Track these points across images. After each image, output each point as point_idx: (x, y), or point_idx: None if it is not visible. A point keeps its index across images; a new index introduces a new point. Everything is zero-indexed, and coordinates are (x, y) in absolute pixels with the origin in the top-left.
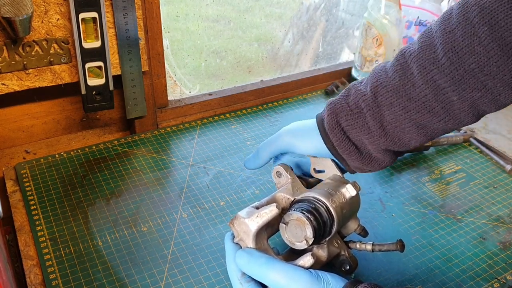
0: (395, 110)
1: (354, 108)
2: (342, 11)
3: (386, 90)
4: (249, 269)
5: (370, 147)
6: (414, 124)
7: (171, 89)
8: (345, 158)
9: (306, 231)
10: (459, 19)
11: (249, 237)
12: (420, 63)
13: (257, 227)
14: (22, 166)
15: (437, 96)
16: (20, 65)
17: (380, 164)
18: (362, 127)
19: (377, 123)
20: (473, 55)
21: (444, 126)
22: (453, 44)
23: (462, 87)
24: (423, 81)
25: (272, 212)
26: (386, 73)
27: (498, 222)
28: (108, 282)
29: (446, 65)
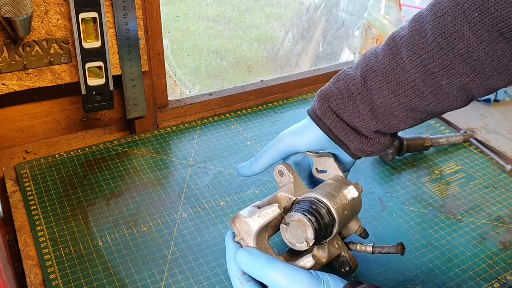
0: (384, 94)
1: (344, 92)
2: (342, 11)
3: (376, 75)
4: (249, 268)
5: (363, 130)
6: (403, 108)
7: (171, 89)
8: (344, 140)
9: (307, 232)
10: (449, 4)
11: (250, 236)
12: (410, 48)
13: (258, 227)
14: (22, 166)
15: (426, 80)
16: (20, 65)
17: (379, 143)
18: (352, 111)
19: (366, 106)
20: (463, 40)
21: (433, 110)
22: (443, 29)
23: (451, 72)
24: (412, 65)
25: (274, 212)
26: (376, 58)
27: (498, 222)
28: (108, 282)
29: (436, 50)
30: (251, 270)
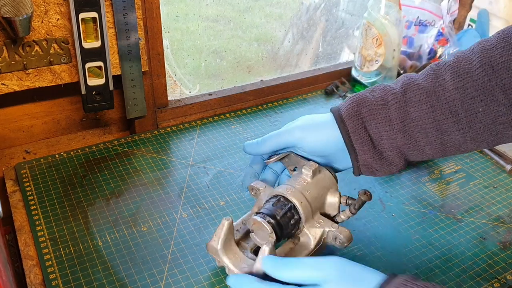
0: (422, 107)
1: (379, 100)
2: (342, 11)
3: (417, 88)
4: (276, 272)
5: (386, 142)
6: (436, 126)
7: (171, 89)
8: (357, 148)
9: (266, 229)
10: (498, 39)
11: (217, 255)
12: (454, 71)
13: (220, 244)
14: (22, 166)
15: (464, 103)
16: (20, 65)
17: (390, 163)
18: (383, 119)
19: (400, 117)
20: (508, 71)
21: (462, 139)
22: (490, 59)
23: (490, 99)
24: (454, 86)
25: (224, 226)
26: (418, 76)
27: (498, 222)
28: (108, 282)
29: (480, 75)
30: (279, 273)
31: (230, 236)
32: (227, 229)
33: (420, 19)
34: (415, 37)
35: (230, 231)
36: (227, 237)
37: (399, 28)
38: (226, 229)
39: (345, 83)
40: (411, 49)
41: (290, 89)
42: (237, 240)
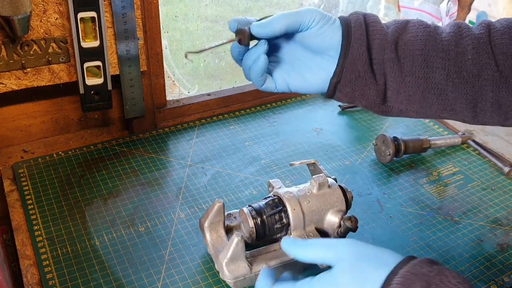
0: (417, 34)
1: (378, 18)
2: (341, 13)
3: (418, 22)
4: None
5: (374, 52)
6: (424, 55)
7: (170, 89)
8: (352, 40)
9: (248, 222)
10: (499, 20)
11: (203, 231)
12: (453, 24)
13: (208, 222)
14: (20, 166)
15: (457, 45)
16: (18, 64)
17: (372, 76)
18: (381, 29)
19: (395, 34)
20: (502, 36)
21: (444, 82)
22: (488, 23)
23: (482, 50)
24: (451, 31)
25: (214, 207)
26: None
27: (496, 224)
28: (105, 282)
29: (478, 30)
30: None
31: (219, 218)
32: (216, 211)
33: None
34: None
35: (219, 213)
36: (215, 218)
37: None
38: (215, 210)
39: None
40: None
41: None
42: (231, 226)
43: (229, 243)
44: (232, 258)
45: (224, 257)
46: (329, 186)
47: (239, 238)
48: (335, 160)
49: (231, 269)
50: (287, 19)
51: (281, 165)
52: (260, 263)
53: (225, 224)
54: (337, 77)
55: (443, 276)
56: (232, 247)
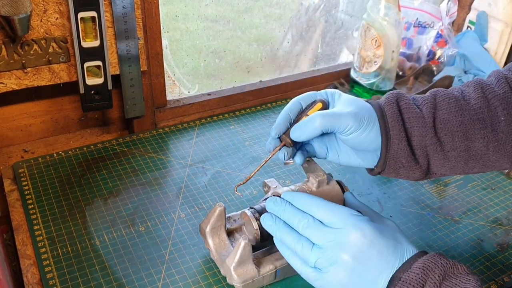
0: (451, 110)
1: (411, 99)
2: (341, 12)
3: (445, 94)
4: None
5: (415, 139)
6: (462, 130)
7: (170, 89)
8: (392, 135)
9: (252, 224)
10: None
11: (206, 237)
12: (476, 85)
13: (209, 227)
14: (20, 165)
15: (489, 110)
16: (18, 64)
17: (416, 162)
18: (417, 114)
19: (431, 115)
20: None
21: (485, 148)
22: (505, 77)
23: (509, 110)
24: (478, 95)
25: (215, 212)
26: (444, 88)
27: (496, 224)
28: (106, 282)
29: (500, 87)
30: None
31: (220, 223)
32: (217, 215)
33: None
34: (414, 38)
35: (221, 217)
36: (217, 222)
37: (398, 30)
38: (216, 215)
39: (344, 84)
40: (410, 51)
41: (289, 90)
42: (231, 229)
43: (235, 247)
44: (239, 262)
45: (232, 262)
46: (327, 183)
47: (246, 242)
48: None
49: (239, 273)
50: (323, 124)
51: (281, 165)
52: (267, 264)
53: (226, 228)
54: (380, 168)
55: (456, 269)
56: (240, 251)
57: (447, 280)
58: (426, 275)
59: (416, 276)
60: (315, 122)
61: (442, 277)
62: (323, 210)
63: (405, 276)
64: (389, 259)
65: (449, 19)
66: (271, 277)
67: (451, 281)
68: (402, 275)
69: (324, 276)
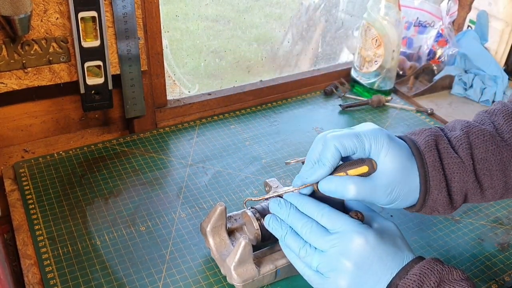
0: (488, 148)
1: (448, 142)
2: (342, 12)
3: (479, 130)
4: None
5: (456, 185)
6: (501, 168)
7: (170, 88)
8: (432, 186)
9: (253, 224)
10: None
11: (205, 235)
12: (505, 114)
13: (210, 226)
14: (21, 165)
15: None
16: (19, 64)
17: (453, 207)
18: (456, 158)
19: (469, 158)
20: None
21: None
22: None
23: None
24: (510, 128)
25: (216, 211)
26: (474, 121)
27: (496, 223)
28: (106, 282)
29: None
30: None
31: (221, 222)
32: (218, 214)
33: (419, 20)
34: (415, 38)
35: (221, 217)
36: (218, 221)
37: (398, 29)
38: (217, 214)
39: (344, 83)
40: (410, 50)
41: (289, 90)
42: (232, 228)
43: (235, 247)
44: (240, 261)
45: (232, 261)
46: None
47: (247, 241)
48: None
49: (240, 273)
50: (356, 196)
51: (281, 164)
52: (267, 264)
53: (227, 227)
54: (416, 211)
55: (451, 275)
56: (240, 251)
57: (442, 286)
58: (422, 282)
59: (413, 283)
60: (348, 190)
61: (438, 283)
62: (327, 216)
63: (401, 283)
64: (388, 266)
65: (449, 18)
66: (271, 276)
67: (445, 287)
68: (399, 282)
69: (325, 281)
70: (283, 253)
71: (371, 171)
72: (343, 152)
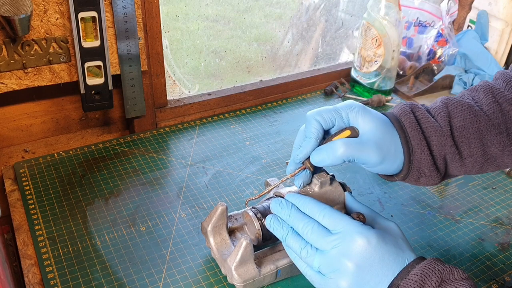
0: (466, 117)
1: (425, 110)
2: (342, 12)
3: (457, 101)
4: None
5: (435, 149)
6: (479, 137)
7: (170, 88)
8: (414, 145)
9: (254, 224)
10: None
11: (206, 235)
12: (486, 89)
13: (211, 226)
14: (21, 165)
15: (503, 115)
16: (19, 64)
17: (437, 170)
18: (434, 123)
19: (447, 124)
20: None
21: (500, 152)
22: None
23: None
24: (490, 101)
25: (217, 210)
26: (454, 96)
27: (497, 223)
28: (107, 282)
29: (510, 92)
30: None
31: (222, 222)
32: (219, 214)
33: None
34: (415, 38)
35: (222, 216)
36: (218, 221)
37: (398, 29)
38: (218, 213)
39: (344, 83)
40: (410, 50)
41: (290, 90)
42: (233, 228)
43: (236, 247)
44: (241, 261)
45: (233, 261)
46: (330, 183)
47: (248, 241)
48: None
49: (240, 273)
50: (345, 155)
51: (282, 164)
52: (268, 264)
53: (228, 227)
54: (403, 178)
55: (452, 274)
56: (241, 251)
57: (443, 286)
58: (424, 282)
59: (414, 283)
60: (337, 151)
61: (439, 283)
62: (328, 216)
63: (403, 283)
64: (390, 266)
65: (449, 18)
66: (272, 277)
67: (446, 287)
68: (400, 283)
69: (326, 281)
70: (284, 253)
71: (354, 135)
72: (324, 124)
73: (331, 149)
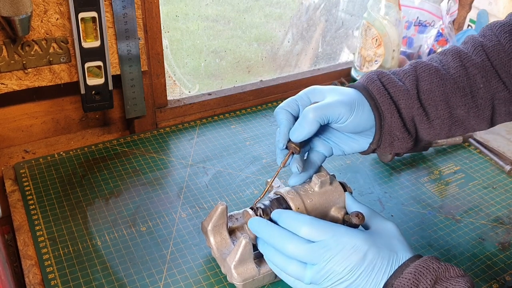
0: (432, 81)
1: (394, 75)
2: (342, 11)
3: (425, 65)
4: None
5: (403, 111)
6: (445, 99)
7: (171, 89)
8: (384, 110)
9: None
10: (484, 30)
11: (206, 235)
12: (454, 54)
13: (211, 225)
14: (21, 166)
15: (468, 79)
16: (19, 65)
17: (408, 132)
18: (401, 87)
19: (414, 87)
20: (498, 54)
21: (466, 114)
22: (481, 44)
23: (489, 75)
24: (457, 65)
25: (217, 210)
26: (423, 59)
27: (497, 222)
28: (107, 282)
29: (477, 56)
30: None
31: (222, 221)
32: (219, 213)
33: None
34: (415, 37)
35: (222, 216)
36: (219, 220)
37: (398, 29)
38: (218, 213)
39: (344, 83)
40: (410, 50)
41: (290, 89)
42: (233, 227)
43: (236, 246)
44: (240, 260)
45: (232, 260)
46: (330, 183)
47: (247, 240)
48: (336, 159)
49: (240, 272)
50: (316, 116)
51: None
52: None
53: (228, 226)
54: (376, 144)
55: (448, 272)
56: (240, 250)
57: (438, 284)
58: (418, 280)
59: (408, 282)
60: (308, 116)
61: (434, 281)
62: (309, 227)
63: (397, 282)
64: (382, 270)
65: (449, 18)
66: (271, 276)
67: (442, 284)
68: (394, 282)
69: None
70: None
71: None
72: (291, 110)
73: (302, 118)
